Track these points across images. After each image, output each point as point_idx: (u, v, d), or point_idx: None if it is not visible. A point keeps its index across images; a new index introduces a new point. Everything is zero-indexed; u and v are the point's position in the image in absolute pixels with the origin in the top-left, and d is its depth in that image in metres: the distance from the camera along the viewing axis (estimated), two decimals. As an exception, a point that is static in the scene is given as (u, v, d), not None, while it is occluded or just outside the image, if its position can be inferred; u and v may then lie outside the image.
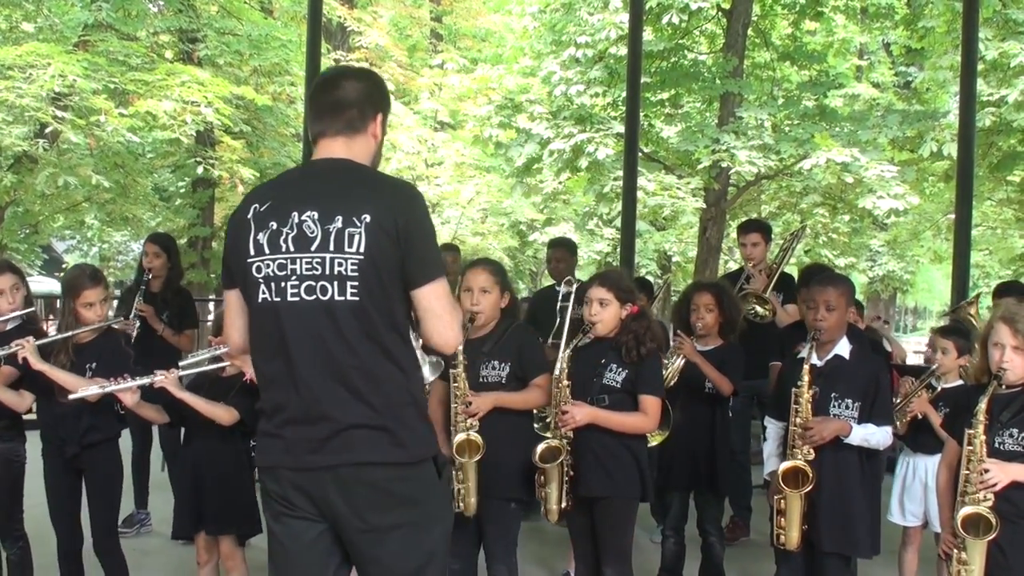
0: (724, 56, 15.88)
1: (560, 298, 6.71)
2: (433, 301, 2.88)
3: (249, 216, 2.92)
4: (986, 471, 3.65)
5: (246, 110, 17.94)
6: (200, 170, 17.67)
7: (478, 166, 21.65)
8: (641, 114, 13.92)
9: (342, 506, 2.81)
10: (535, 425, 5.16)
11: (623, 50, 14.62)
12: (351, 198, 2.84)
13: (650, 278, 17.88)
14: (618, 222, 14.25)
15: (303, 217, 2.84)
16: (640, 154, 13.87)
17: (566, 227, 22.80)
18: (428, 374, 3.46)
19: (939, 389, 5.33)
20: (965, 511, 3.67)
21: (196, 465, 4.81)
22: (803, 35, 18.01)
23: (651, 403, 4.45)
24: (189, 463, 4.89)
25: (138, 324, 6.67)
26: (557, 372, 4.43)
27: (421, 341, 3.01)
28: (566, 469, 4.45)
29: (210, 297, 19.72)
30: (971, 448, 3.70)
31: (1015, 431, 3.75)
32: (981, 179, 17.43)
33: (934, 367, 5.36)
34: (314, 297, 2.81)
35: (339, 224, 2.80)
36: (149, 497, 7.04)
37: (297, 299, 2.82)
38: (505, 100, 17.57)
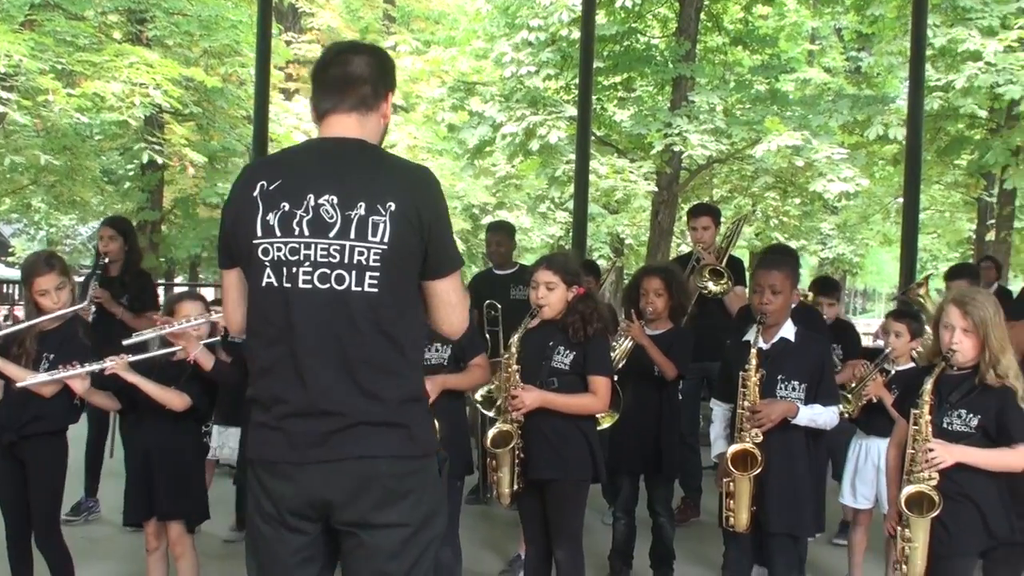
0: (676, 40, 15.94)
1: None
2: (451, 293, 2.82)
3: (256, 194, 2.73)
4: (931, 451, 3.70)
5: (196, 92, 17.78)
6: (145, 157, 17.48)
7: (431, 149, 21.59)
8: (594, 97, 13.94)
9: (344, 502, 2.68)
10: (478, 402, 5.21)
11: (576, 33, 14.62)
12: (374, 184, 2.70)
13: (602, 262, 17.92)
14: (570, 205, 14.28)
15: (320, 200, 2.68)
16: (592, 137, 13.88)
17: (518, 211, 22.81)
18: None
19: (893, 372, 5.39)
20: (909, 490, 3.72)
21: (147, 451, 4.72)
22: (755, 19, 18.11)
23: (600, 383, 4.47)
24: (140, 449, 4.79)
25: (93, 310, 6.58)
26: (506, 356, 4.45)
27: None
28: (517, 453, 4.46)
29: (159, 282, 19.51)
30: (916, 428, 3.75)
31: (963, 412, 3.79)
32: (929, 163, 17.65)
33: (888, 350, 5.42)
34: (328, 286, 2.66)
35: (362, 211, 2.66)
36: (99, 485, 6.95)
37: (309, 286, 2.67)
38: (458, 82, 17.54)
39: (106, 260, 6.75)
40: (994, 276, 9.93)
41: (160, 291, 18.28)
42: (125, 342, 4.59)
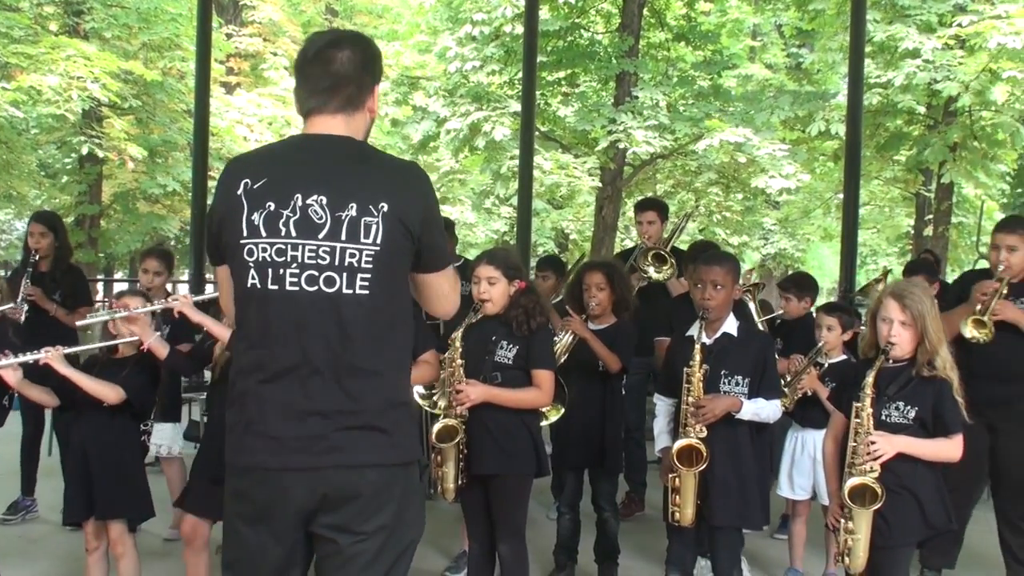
0: (620, 36, 15.96)
1: None
2: (444, 285, 2.85)
3: (240, 192, 2.65)
4: (873, 443, 3.74)
5: (135, 85, 17.56)
6: (85, 150, 17.23)
7: (374, 143, 21.48)
8: (537, 93, 13.93)
9: (329, 509, 2.62)
10: (424, 402, 5.19)
11: (519, 28, 14.61)
12: (366, 184, 2.64)
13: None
14: (515, 201, 14.30)
15: (308, 200, 2.61)
16: (537, 133, 13.88)
17: (463, 206, 22.79)
18: None
19: (825, 365, 5.45)
20: (852, 482, 3.76)
21: (85, 448, 4.66)
22: (697, 15, 18.20)
23: (544, 377, 4.48)
24: (78, 446, 4.72)
25: (26, 308, 6.45)
26: (450, 352, 4.44)
27: None
28: (461, 448, 4.45)
29: (99, 277, 19.26)
30: (859, 421, 3.79)
31: (901, 404, 3.85)
32: (868, 159, 17.83)
33: (820, 344, 5.48)
34: (316, 288, 2.59)
35: (353, 212, 2.59)
36: (37, 484, 6.82)
37: (296, 289, 2.60)
38: (401, 76, 17.47)
39: (36, 257, 6.63)
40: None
41: (99, 286, 18.14)
42: (78, 323, 4.52)
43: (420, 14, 19.44)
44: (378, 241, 2.60)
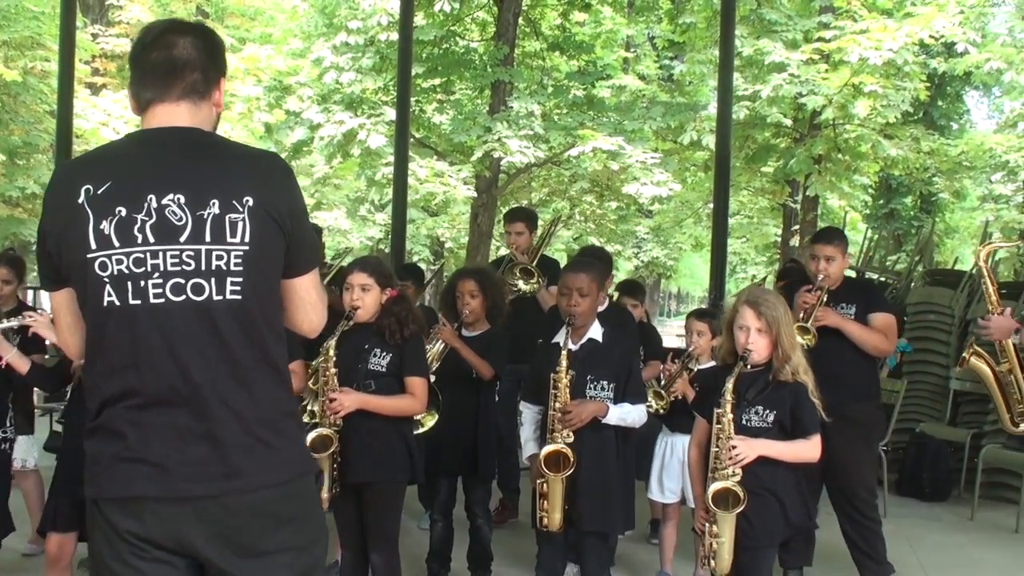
0: (495, 44, 16.04)
1: None
2: (311, 291, 2.59)
3: (81, 201, 2.36)
4: (734, 447, 3.83)
5: (-7, 85, 17.04)
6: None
7: (246, 149, 21.18)
8: (412, 100, 13.89)
9: (224, 537, 2.38)
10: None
11: (395, 35, 14.57)
12: (226, 177, 2.41)
13: (423, 265, 17.90)
14: (390, 208, 14.24)
15: (164, 201, 2.35)
16: (412, 140, 13.86)
17: (337, 212, 22.59)
18: None
19: (694, 370, 5.56)
20: (715, 487, 3.84)
21: None
22: (572, 26, 18.39)
23: (417, 384, 4.50)
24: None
25: None
26: (323, 360, 4.40)
27: None
28: (335, 457, 4.42)
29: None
30: (720, 426, 3.88)
31: (760, 408, 3.95)
32: (738, 170, 18.29)
33: (691, 348, 5.59)
34: (184, 297, 2.35)
35: (215, 210, 2.36)
36: None
37: (162, 300, 2.34)
38: (274, 81, 17.26)
39: None
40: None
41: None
42: None
43: (293, 18, 19.22)
44: (246, 240, 2.38)
